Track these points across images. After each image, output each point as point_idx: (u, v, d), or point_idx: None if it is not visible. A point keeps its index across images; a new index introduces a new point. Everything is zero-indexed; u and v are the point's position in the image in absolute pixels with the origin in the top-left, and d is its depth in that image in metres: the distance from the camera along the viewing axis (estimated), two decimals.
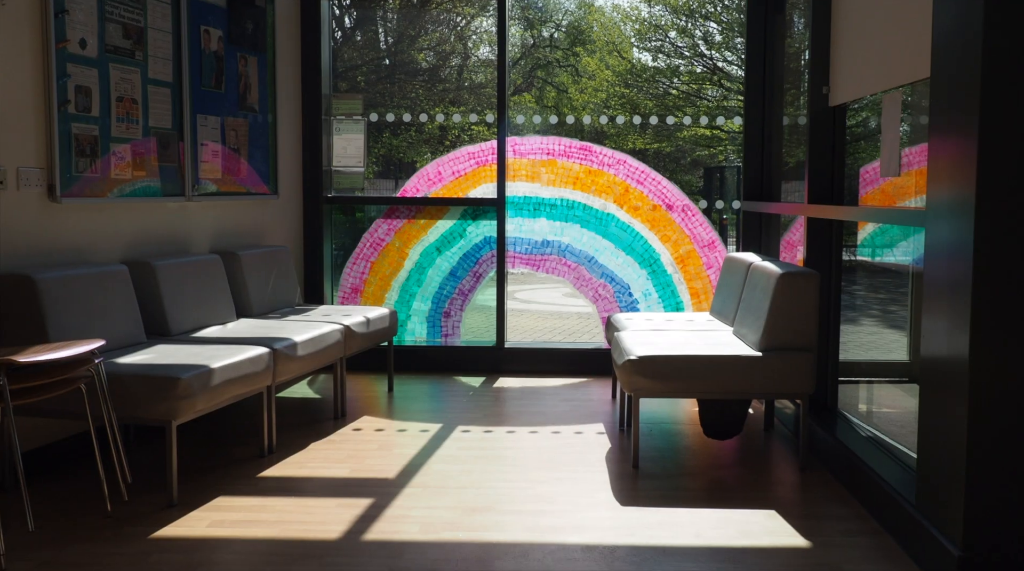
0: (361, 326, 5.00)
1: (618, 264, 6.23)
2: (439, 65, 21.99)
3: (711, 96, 20.39)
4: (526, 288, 12.26)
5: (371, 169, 17.80)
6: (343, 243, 6.65)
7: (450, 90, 21.81)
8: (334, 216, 6.37)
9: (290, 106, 5.97)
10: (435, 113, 6.45)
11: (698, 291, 6.20)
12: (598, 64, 21.93)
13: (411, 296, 6.32)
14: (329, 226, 6.27)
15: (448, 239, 6.27)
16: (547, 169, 6.23)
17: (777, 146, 5.78)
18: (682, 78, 20.90)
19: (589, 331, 8.62)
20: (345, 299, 6.33)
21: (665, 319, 5.12)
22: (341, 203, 6.33)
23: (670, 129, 19.70)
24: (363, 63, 21.96)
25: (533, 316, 9.78)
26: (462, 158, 6.27)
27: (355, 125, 6.26)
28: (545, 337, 8.24)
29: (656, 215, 6.19)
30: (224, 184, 5.19)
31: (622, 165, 6.20)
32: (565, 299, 11.33)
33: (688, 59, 20.29)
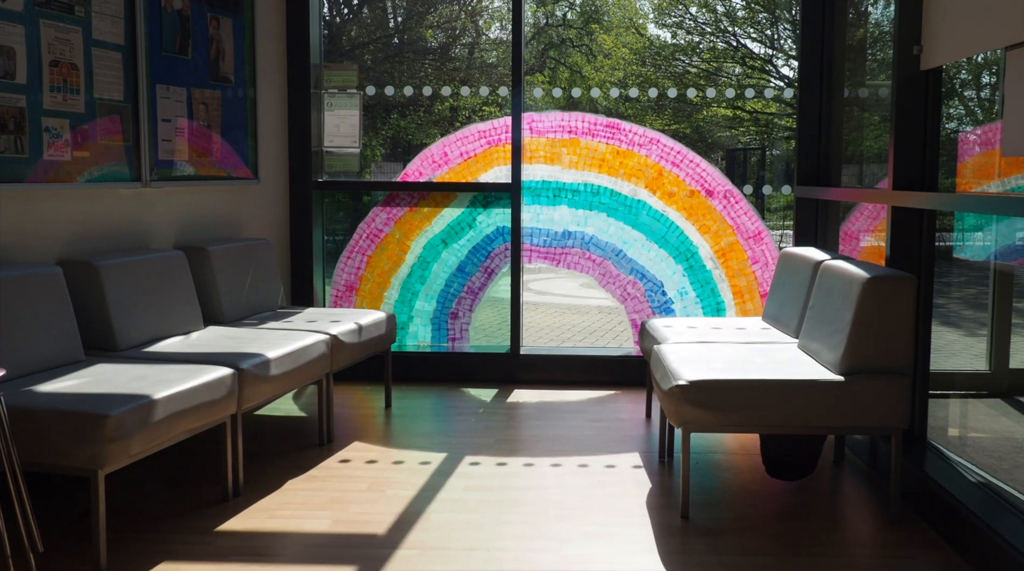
0: (352, 335, 4.23)
1: (650, 258, 5.44)
2: (449, 43, 21.17)
3: (734, 75, 19.51)
4: (541, 277, 11.49)
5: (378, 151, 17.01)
6: (336, 235, 5.88)
7: (460, 69, 21.07)
8: (325, 204, 5.59)
9: (273, 77, 5.18)
10: (439, 88, 5.63)
11: (741, 290, 5.41)
12: (614, 42, 21.04)
13: (413, 295, 5.55)
14: (320, 215, 5.49)
15: (455, 230, 5.49)
16: (569, 149, 5.43)
17: (838, 123, 4.96)
18: (703, 55, 20.00)
19: (612, 329, 7.83)
20: (339, 298, 5.56)
21: (711, 327, 4.33)
22: (333, 189, 5.55)
23: (688, 109, 18.87)
24: (370, 41, 21.13)
25: (549, 310, 9.00)
26: (471, 137, 5.48)
27: (349, 99, 5.47)
28: (563, 337, 7.45)
29: (694, 202, 5.39)
30: (192, 167, 4.41)
31: (655, 145, 5.39)
32: (584, 290, 10.55)
33: (709, 35, 19.35)
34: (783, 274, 4.36)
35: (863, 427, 3.24)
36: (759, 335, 4.09)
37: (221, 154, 4.65)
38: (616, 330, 7.81)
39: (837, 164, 5.02)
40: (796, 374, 3.26)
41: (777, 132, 19.37)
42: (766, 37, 19.50)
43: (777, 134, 19.38)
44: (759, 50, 19.69)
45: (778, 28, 19.41)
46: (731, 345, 3.83)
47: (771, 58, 19.91)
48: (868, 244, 4.90)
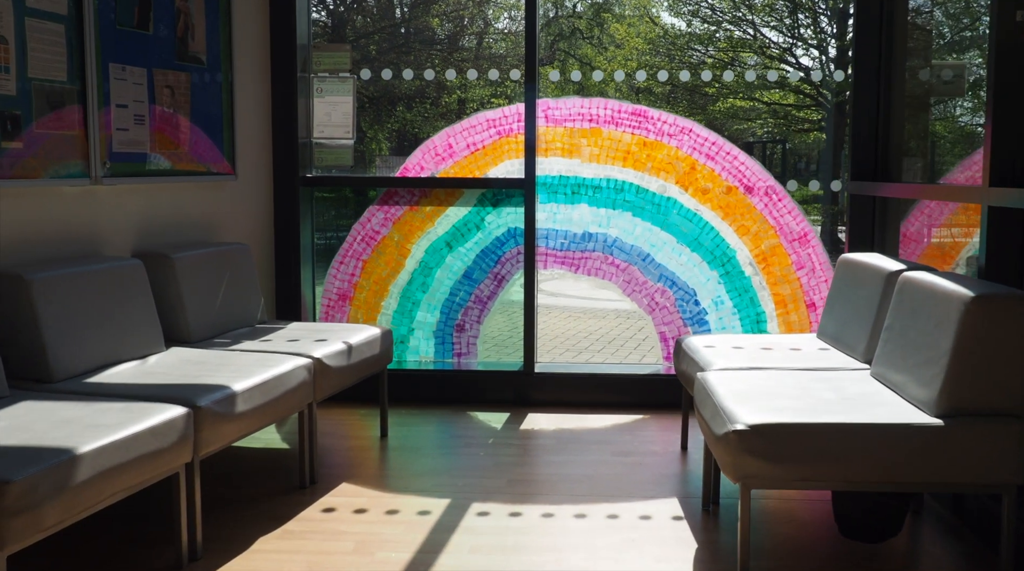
0: (339, 357, 3.61)
1: (681, 264, 4.81)
2: (457, 32, 20.32)
3: (750, 65, 18.82)
4: (553, 277, 10.87)
5: (384, 145, 16.31)
6: (328, 237, 5.27)
7: (469, 59, 20.32)
8: (315, 202, 4.97)
9: (253, 57, 4.56)
10: (442, 72, 4.99)
11: (785, 299, 4.77)
12: (627, 31, 20.36)
13: (414, 305, 4.93)
14: (309, 215, 4.87)
15: (461, 231, 4.87)
16: (589, 140, 4.80)
17: (900, 109, 4.32)
18: (718, 45, 19.31)
19: (633, 337, 7.19)
20: (331, 308, 4.94)
21: (760, 347, 3.70)
22: (324, 185, 4.93)
23: (703, 101, 18.17)
24: (376, 30, 20.35)
25: (563, 315, 8.37)
26: (479, 127, 4.85)
27: (341, 84, 4.85)
28: (579, 347, 6.82)
29: (731, 200, 4.76)
30: (156, 161, 3.80)
31: (687, 135, 4.76)
32: (600, 292, 9.91)
33: (726, 24, 18.66)
34: (843, 285, 3.72)
35: (966, 483, 2.61)
36: (819, 358, 3.46)
37: (191, 146, 4.04)
38: (637, 338, 7.18)
39: (898, 156, 4.38)
40: (882, 416, 2.63)
41: (795, 124, 18.70)
42: (785, 26, 18.80)
43: (796, 126, 18.71)
44: (778, 38, 18.98)
45: (798, 16, 18.71)
46: (789, 373, 3.20)
47: (791, 47, 19.22)
48: (932, 247, 4.27)
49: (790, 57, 19.34)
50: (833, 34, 19.08)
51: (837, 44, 18.52)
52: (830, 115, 17.56)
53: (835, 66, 19.34)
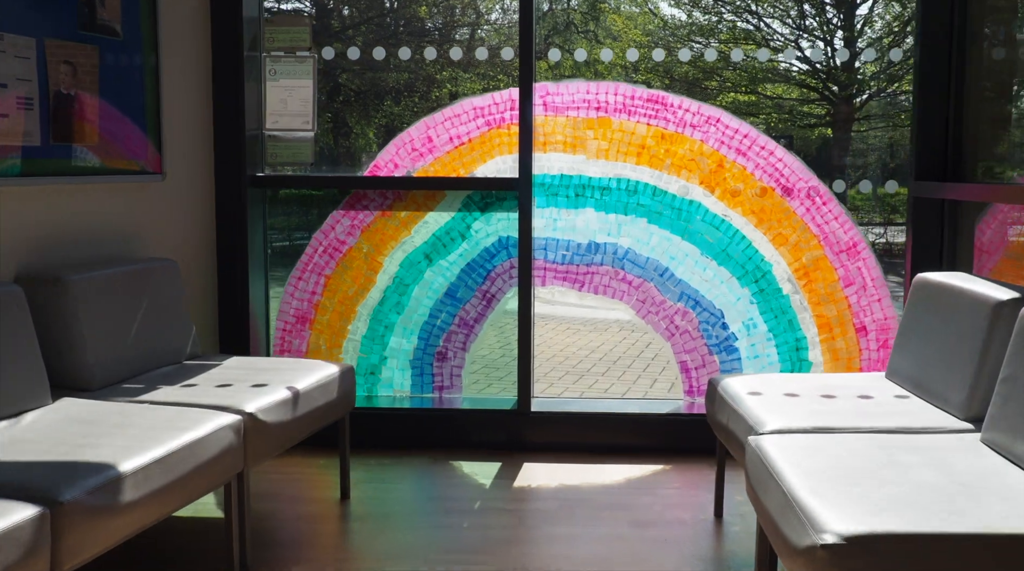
0: (280, 409, 2.81)
1: (706, 280, 4.02)
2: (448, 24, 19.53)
3: (755, 58, 18.03)
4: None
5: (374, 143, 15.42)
6: (285, 247, 4.46)
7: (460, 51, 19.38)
8: (268, 206, 4.16)
9: (188, 30, 3.75)
10: (420, 51, 4.17)
11: (830, 322, 3.98)
12: (624, 23, 19.56)
13: (387, 329, 4.13)
14: (260, 222, 4.06)
15: (443, 241, 4.07)
16: (597, 132, 4.01)
17: (975, 95, 3.54)
18: (720, 37, 18.52)
19: (640, 355, 6.39)
20: (288, 334, 4.14)
21: (818, 391, 2.90)
22: (278, 185, 4.12)
23: (703, 94, 17.39)
24: (363, 21, 19.54)
25: (560, 327, 7.57)
26: (464, 116, 4.06)
27: (300, 66, 4.04)
28: (581, 368, 6.02)
29: (767, 204, 3.97)
30: (49, 157, 2.99)
31: (713, 126, 3.96)
32: (600, 300, 9.11)
33: (729, 15, 17.87)
34: (923, 313, 2.93)
35: None
36: (902, 413, 2.66)
37: (102, 138, 3.22)
38: (646, 357, 6.38)
39: (972, 152, 3.60)
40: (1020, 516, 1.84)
41: (800, 119, 17.95)
42: (790, 16, 18.06)
43: (800, 122, 17.96)
44: (783, 29, 18.23)
45: (803, 7, 17.94)
46: (870, 437, 2.41)
47: (797, 39, 18.46)
48: (1008, 260, 3.50)
49: (793, 49, 18.58)
50: (840, 24, 18.34)
51: (844, 35, 17.81)
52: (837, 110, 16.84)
53: (842, 59, 18.60)
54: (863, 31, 17.88)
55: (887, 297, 3.97)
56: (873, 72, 17.80)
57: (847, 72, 17.69)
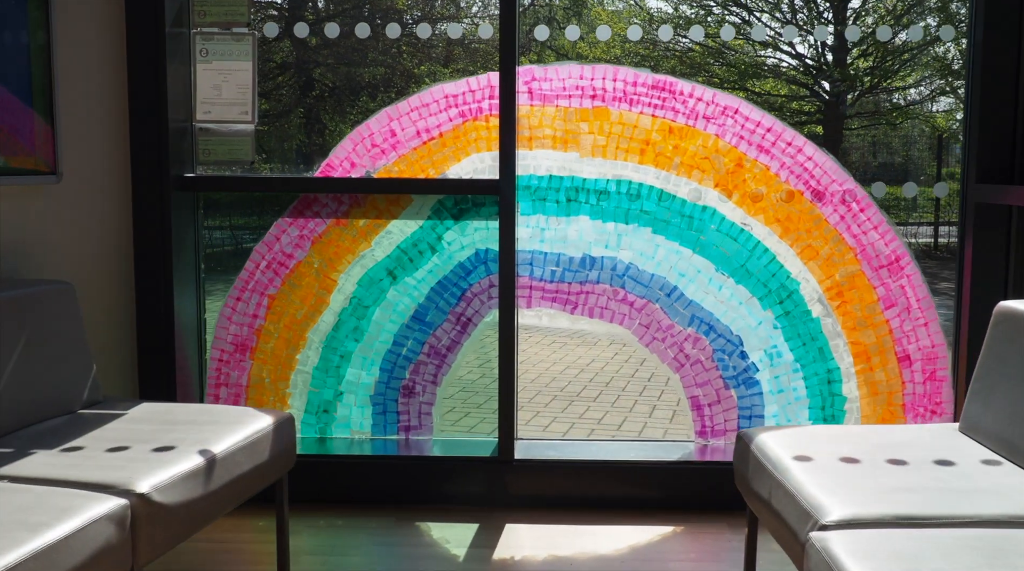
0: (185, 486, 2.14)
1: (721, 300, 3.39)
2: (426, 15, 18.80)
3: (745, 52, 17.49)
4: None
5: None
6: (221, 263, 3.80)
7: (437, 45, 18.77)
8: (201, 213, 3.48)
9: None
10: (382, 28, 3.50)
11: (867, 350, 3.36)
12: (609, 16, 18.95)
13: (343, 359, 3.47)
14: (190, 232, 3.39)
15: (409, 255, 3.42)
16: (593, 125, 3.36)
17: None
18: (708, 31, 17.93)
19: (636, 374, 5.75)
20: (225, 366, 3.47)
21: (882, 454, 2.27)
22: (211, 188, 3.44)
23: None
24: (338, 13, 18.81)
25: (544, 340, 6.92)
26: (434, 106, 3.40)
27: (236, 45, 3.36)
28: (570, 391, 5.36)
29: (794, 211, 3.34)
30: None
31: (731, 118, 3.33)
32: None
33: (716, 9, 17.28)
34: (1010, 352, 2.31)
35: None
36: (1003, 490, 2.03)
37: None
38: (641, 377, 5.74)
39: None
40: None
41: (790, 117, 17.42)
42: (779, 11, 17.48)
43: (790, 119, 17.42)
44: (771, 23, 17.67)
45: (793, 1, 17.38)
46: (976, 534, 1.78)
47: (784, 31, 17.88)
48: None
49: (784, 45, 18.01)
50: (830, 19, 17.78)
51: (836, 29, 17.28)
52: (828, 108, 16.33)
53: (832, 54, 18.09)
54: (857, 19, 17.35)
55: (935, 321, 3.36)
56: (866, 67, 17.29)
57: (840, 67, 17.16)
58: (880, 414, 3.39)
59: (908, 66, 18.10)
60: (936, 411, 3.37)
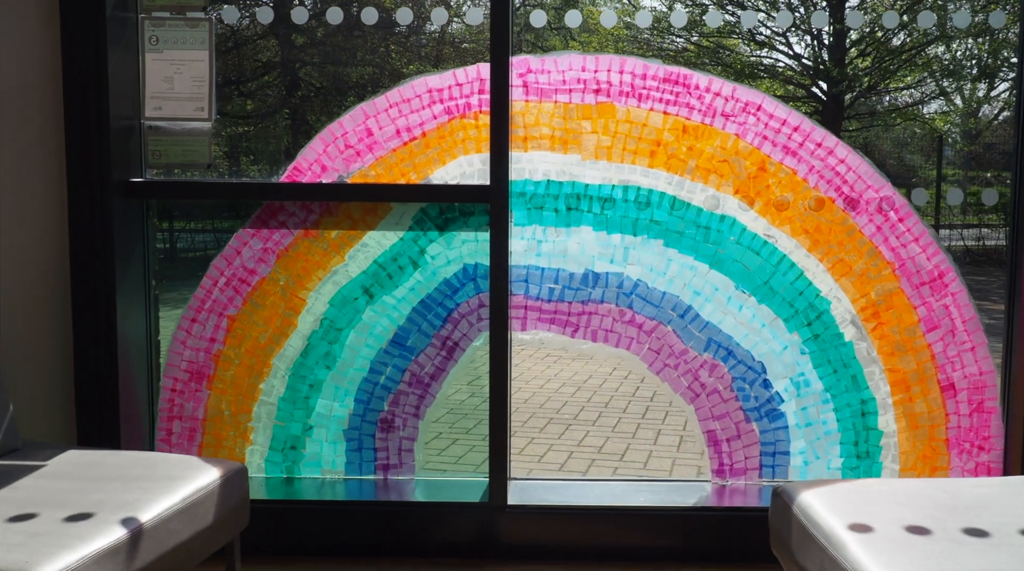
0: (103, 569, 1.72)
1: (741, 321, 2.99)
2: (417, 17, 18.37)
3: (740, 51, 17.15)
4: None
5: None
6: (180, 278, 3.38)
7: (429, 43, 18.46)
8: (151, 223, 3.06)
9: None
10: (357, 13, 3.09)
11: (907, 378, 2.97)
12: (600, 16, 18.58)
13: (312, 388, 3.06)
14: (137, 244, 2.97)
15: (388, 271, 3.01)
16: (596, 123, 2.96)
17: None
18: (703, 30, 17.59)
19: (637, 393, 5.35)
20: (178, 397, 3.05)
21: (955, 519, 1.87)
22: (162, 195, 3.03)
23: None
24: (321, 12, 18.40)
25: (536, 353, 6.52)
26: (416, 102, 2.99)
27: (191, 31, 2.95)
28: (565, 415, 4.94)
29: (823, 220, 2.95)
30: None
31: (753, 114, 2.94)
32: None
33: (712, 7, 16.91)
34: None
35: None
36: None
37: None
38: (642, 395, 5.34)
39: None
40: None
41: None
42: (776, 10, 17.09)
43: None
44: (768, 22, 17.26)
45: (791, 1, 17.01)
46: None
47: (784, 32, 17.47)
48: None
49: (781, 45, 17.63)
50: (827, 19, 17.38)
51: (836, 27, 16.89)
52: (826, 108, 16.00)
53: (830, 54, 17.72)
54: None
55: (983, 345, 2.97)
56: (865, 67, 16.96)
57: (838, 67, 16.83)
58: (920, 450, 3.00)
59: (907, 66, 17.77)
60: (984, 447, 2.98)
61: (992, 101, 18.89)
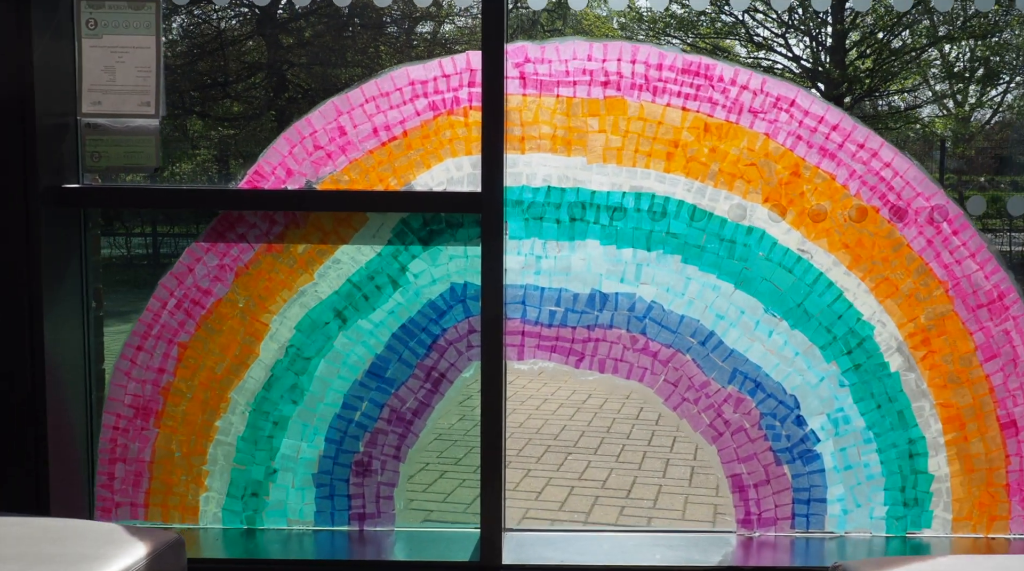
0: None
1: (772, 349, 2.59)
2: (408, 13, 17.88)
3: (737, 52, 16.82)
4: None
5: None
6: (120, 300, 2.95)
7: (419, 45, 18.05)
8: (89, 235, 2.65)
9: None
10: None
11: (960, 415, 2.58)
12: (595, 17, 18.21)
13: (277, 426, 2.65)
14: (74, 260, 2.57)
15: (364, 291, 2.61)
16: (605, 121, 2.56)
17: None
18: (700, 30, 17.24)
19: (641, 419, 4.94)
20: (122, 435, 2.64)
21: None
22: (101, 204, 2.62)
23: None
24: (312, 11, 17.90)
25: (530, 371, 6.11)
26: (397, 95, 2.59)
27: (135, 15, 2.55)
28: (564, 442, 4.53)
29: (866, 233, 2.56)
30: None
31: (785, 111, 2.55)
32: None
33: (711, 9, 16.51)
34: None
35: None
36: None
37: None
38: (647, 417, 4.93)
39: None
40: None
41: None
42: (775, 11, 16.66)
43: None
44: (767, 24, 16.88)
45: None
46: None
47: (784, 33, 17.12)
48: None
49: (780, 46, 17.30)
50: (826, 20, 17.05)
51: (836, 28, 16.52)
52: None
53: (829, 56, 17.37)
54: (856, 22, 16.69)
55: None
56: (866, 69, 16.64)
57: (838, 69, 16.50)
58: (977, 497, 2.61)
59: (908, 68, 17.40)
60: None
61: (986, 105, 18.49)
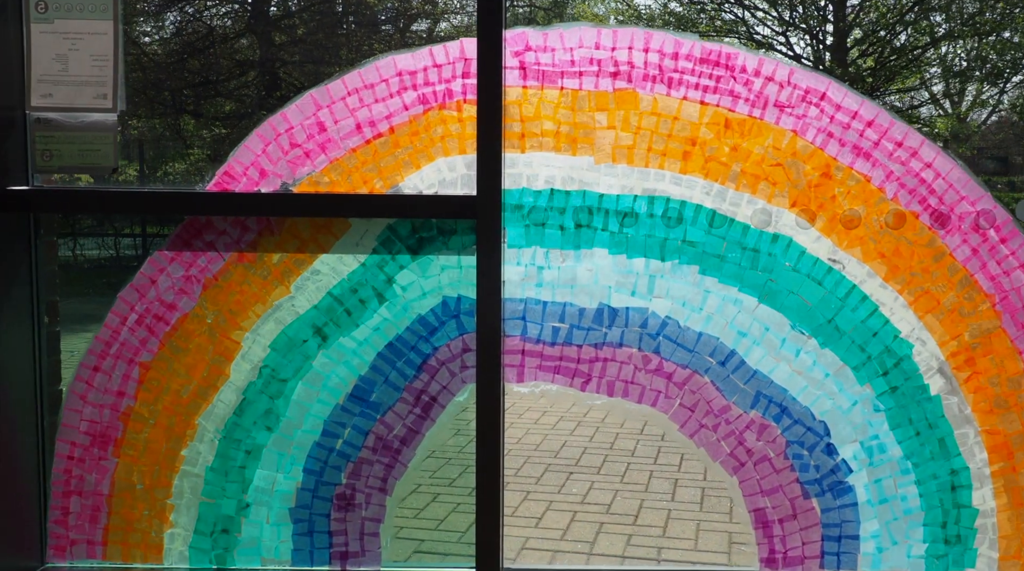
0: None
1: (799, 371, 2.34)
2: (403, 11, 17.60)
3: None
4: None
5: None
6: (75, 317, 2.70)
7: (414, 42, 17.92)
8: (42, 243, 2.39)
9: None
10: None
11: (1009, 443, 2.33)
12: (592, 16, 17.98)
13: (250, 455, 2.39)
14: (23, 270, 2.31)
15: (345, 306, 2.35)
16: (613, 116, 2.31)
17: None
18: (701, 28, 16.99)
19: (646, 431, 4.68)
20: (77, 466, 2.38)
21: None
22: (53, 208, 2.36)
23: None
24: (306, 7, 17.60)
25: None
26: (382, 88, 2.33)
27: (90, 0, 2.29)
28: (563, 462, 4.25)
29: (904, 241, 2.30)
30: None
31: (815, 105, 2.29)
32: None
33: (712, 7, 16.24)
34: None
35: None
36: None
37: None
38: (651, 432, 4.67)
39: None
40: None
41: None
42: (776, 9, 16.39)
43: None
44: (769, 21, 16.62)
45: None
46: None
47: (784, 31, 16.86)
48: None
49: (780, 45, 17.04)
50: (828, 18, 16.79)
51: (839, 25, 16.28)
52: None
53: (831, 53, 17.13)
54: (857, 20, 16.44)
55: None
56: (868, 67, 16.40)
57: (841, 67, 16.26)
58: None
59: (912, 66, 17.15)
60: None
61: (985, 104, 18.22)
